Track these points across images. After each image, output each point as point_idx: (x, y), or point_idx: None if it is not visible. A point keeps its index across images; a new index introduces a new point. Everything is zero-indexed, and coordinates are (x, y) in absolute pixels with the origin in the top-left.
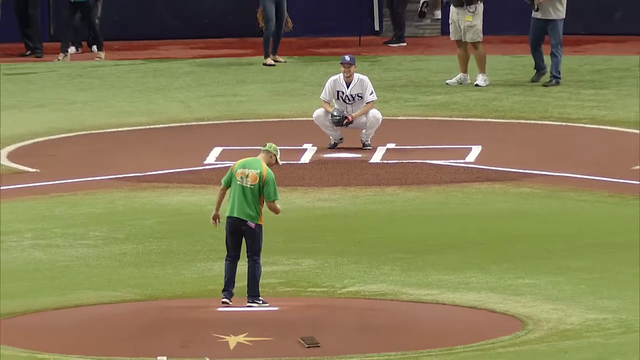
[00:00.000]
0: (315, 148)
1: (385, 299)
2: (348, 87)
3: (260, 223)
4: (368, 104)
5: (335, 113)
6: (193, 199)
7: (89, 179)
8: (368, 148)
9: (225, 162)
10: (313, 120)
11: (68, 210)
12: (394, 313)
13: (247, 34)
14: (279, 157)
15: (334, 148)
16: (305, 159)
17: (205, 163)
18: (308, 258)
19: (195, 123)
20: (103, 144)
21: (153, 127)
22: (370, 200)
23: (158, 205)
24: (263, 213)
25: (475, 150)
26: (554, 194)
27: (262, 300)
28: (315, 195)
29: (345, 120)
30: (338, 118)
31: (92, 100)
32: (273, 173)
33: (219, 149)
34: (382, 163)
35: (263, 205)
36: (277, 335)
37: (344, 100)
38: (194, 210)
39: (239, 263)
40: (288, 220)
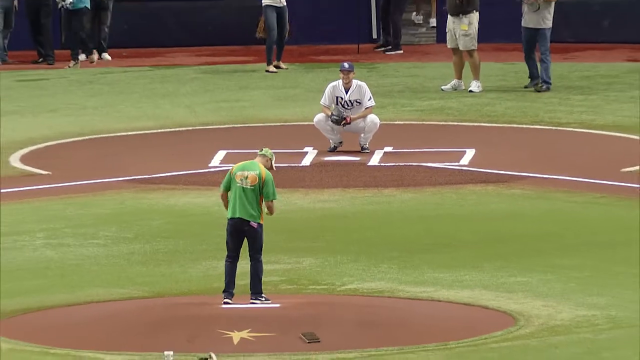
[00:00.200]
0: (316, 151)
1: (383, 296)
2: (347, 93)
3: (261, 222)
4: (367, 109)
5: (335, 113)
6: (199, 201)
7: (99, 181)
8: (366, 151)
9: (229, 164)
10: (314, 125)
11: (78, 211)
12: (391, 310)
13: (250, 42)
14: (274, 161)
15: (334, 151)
16: (306, 162)
17: (210, 166)
18: (309, 257)
19: (201, 127)
20: (112, 148)
21: (160, 131)
22: (368, 201)
23: (165, 206)
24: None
25: (469, 154)
26: (545, 195)
27: (264, 298)
28: (316, 197)
29: (344, 121)
30: (337, 118)
31: (101, 106)
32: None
33: (224, 152)
34: (379, 166)
35: (262, 205)
36: (279, 331)
37: (343, 106)
38: (200, 211)
39: (241, 262)
40: (289, 221)
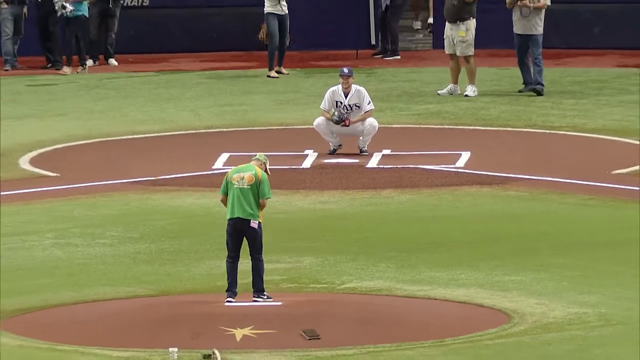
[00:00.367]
0: (316, 154)
1: (381, 295)
2: (346, 97)
3: (260, 221)
4: (366, 112)
5: (336, 113)
6: (202, 202)
7: (106, 183)
8: (365, 154)
9: (232, 167)
10: (314, 128)
11: (86, 212)
12: (389, 307)
13: (253, 48)
14: (268, 165)
15: (334, 154)
16: (307, 164)
17: (214, 168)
18: (309, 256)
19: (205, 131)
20: (119, 150)
21: (165, 134)
22: (367, 203)
23: (170, 207)
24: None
25: (465, 156)
26: (538, 197)
27: (266, 296)
28: (316, 198)
29: (342, 123)
30: (337, 119)
31: (108, 110)
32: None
33: (227, 155)
34: (378, 168)
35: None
36: (280, 328)
37: (342, 110)
38: (204, 212)
39: (242, 261)
40: (290, 221)
